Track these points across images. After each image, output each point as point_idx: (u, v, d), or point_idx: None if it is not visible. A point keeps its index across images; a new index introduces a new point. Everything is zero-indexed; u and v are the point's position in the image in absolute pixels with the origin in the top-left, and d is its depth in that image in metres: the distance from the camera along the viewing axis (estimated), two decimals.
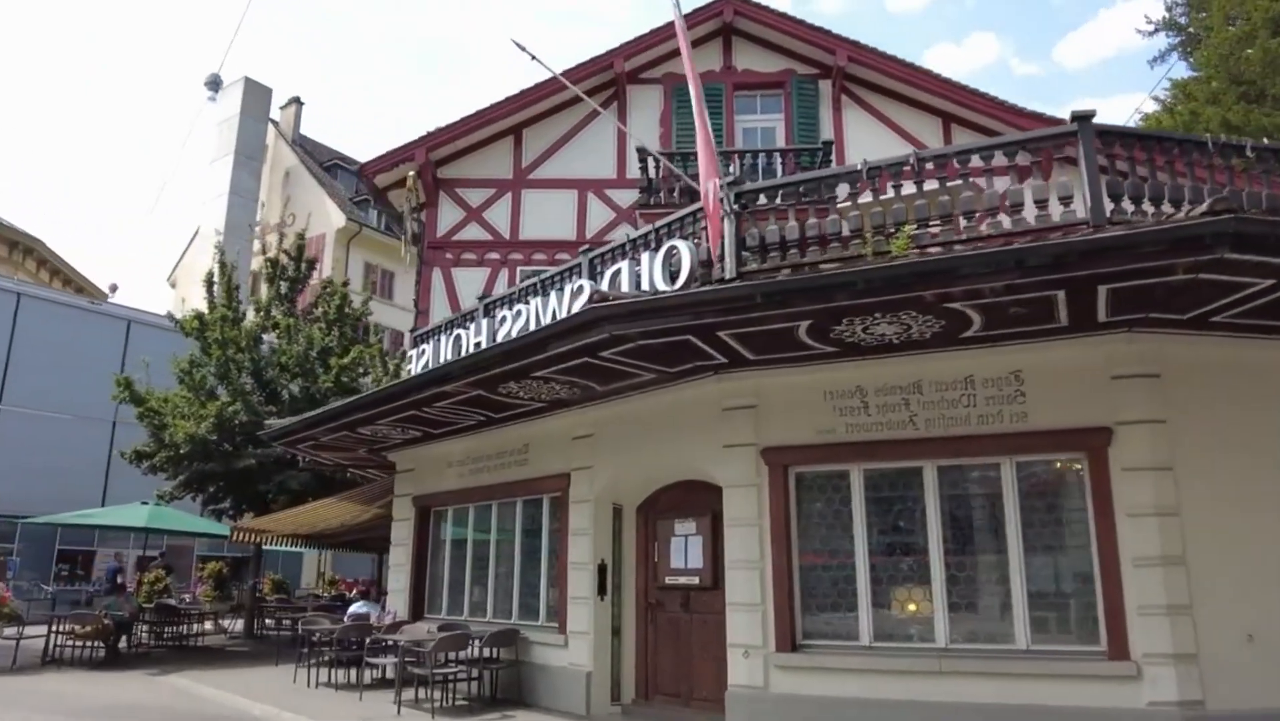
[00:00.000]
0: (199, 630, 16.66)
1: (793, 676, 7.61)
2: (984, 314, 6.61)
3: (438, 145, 14.28)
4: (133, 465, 18.23)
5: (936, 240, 7.56)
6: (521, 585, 10.77)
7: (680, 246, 8.57)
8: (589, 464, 9.80)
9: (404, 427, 11.55)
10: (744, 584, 7.94)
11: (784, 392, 8.10)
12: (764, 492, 8.02)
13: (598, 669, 9.28)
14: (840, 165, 12.26)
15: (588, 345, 7.47)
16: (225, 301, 19.17)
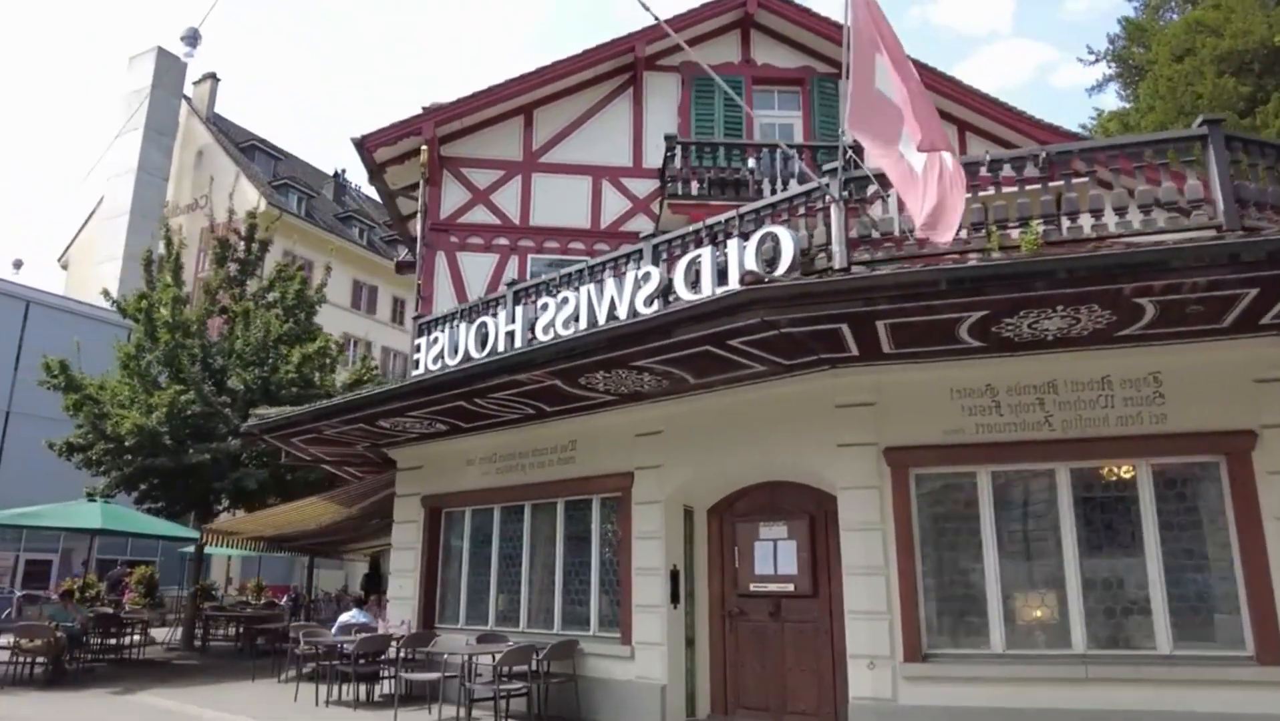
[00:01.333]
0: (140, 641, 15.02)
1: (922, 687, 7.23)
2: (1161, 309, 6.41)
3: (445, 120, 13.34)
4: (62, 459, 16.38)
5: (1065, 239, 7.40)
6: (565, 593, 10.03)
7: (780, 233, 8.12)
8: (658, 462, 9.18)
9: (431, 421, 10.65)
10: (866, 592, 7.50)
11: (906, 390, 7.73)
12: (886, 495, 7.62)
13: (672, 682, 8.66)
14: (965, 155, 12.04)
15: (726, 331, 6.92)
16: (172, 282, 17.49)
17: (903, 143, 7.15)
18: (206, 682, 12.49)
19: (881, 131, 7.29)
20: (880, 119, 7.28)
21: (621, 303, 9.31)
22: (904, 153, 7.14)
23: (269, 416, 11.80)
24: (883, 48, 6.94)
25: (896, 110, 7.08)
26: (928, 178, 6.87)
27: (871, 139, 7.34)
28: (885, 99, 7.14)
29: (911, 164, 7.08)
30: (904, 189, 7.12)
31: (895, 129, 7.18)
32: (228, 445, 15.60)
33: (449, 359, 11.23)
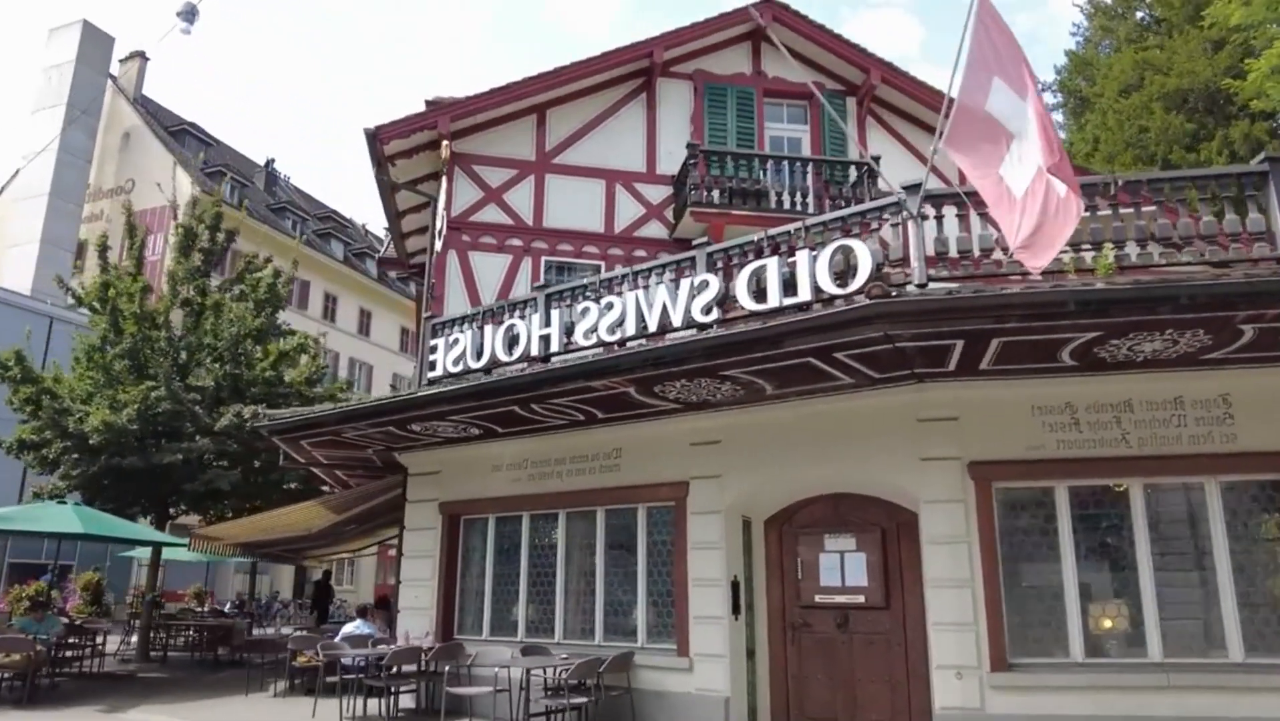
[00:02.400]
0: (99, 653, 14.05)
1: (1007, 696, 7.39)
2: (1259, 335, 6.75)
3: (460, 115, 12.98)
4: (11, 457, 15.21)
5: (1136, 264, 7.71)
6: (608, 603, 9.87)
7: (857, 247, 8.20)
8: (717, 472, 9.14)
9: (467, 425, 10.32)
10: (952, 603, 7.63)
11: (989, 406, 7.91)
12: (970, 509, 7.77)
13: (735, 694, 8.62)
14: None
15: (840, 343, 6.94)
16: (134, 270, 16.50)
17: (1005, 165, 7.29)
18: (194, 697, 11.80)
19: (983, 153, 7.40)
20: (985, 141, 7.40)
21: (675, 310, 9.26)
22: (1004, 175, 7.29)
23: (281, 416, 11.23)
24: (1003, 71, 7.06)
25: (1005, 133, 7.22)
26: (1028, 203, 7.02)
27: (971, 160, 7.43)
28: (995, 122, 7.26)
29: (1010, 187, 7.22)
30: (1000, 211, 7.24)
31: (999, 152, 7.30)
32: (199, 444, 14.80)
33: (471, 361, 10.94)
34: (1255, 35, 19.26)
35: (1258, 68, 17.71)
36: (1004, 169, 7.25)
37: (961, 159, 7.51)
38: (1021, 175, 7.07)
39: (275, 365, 16.11)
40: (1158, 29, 24.11)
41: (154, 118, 33.94)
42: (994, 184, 7.28)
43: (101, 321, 15.88)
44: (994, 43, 7.10)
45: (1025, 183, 7.03)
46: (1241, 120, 20.04)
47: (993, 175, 7.32)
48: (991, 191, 7.28)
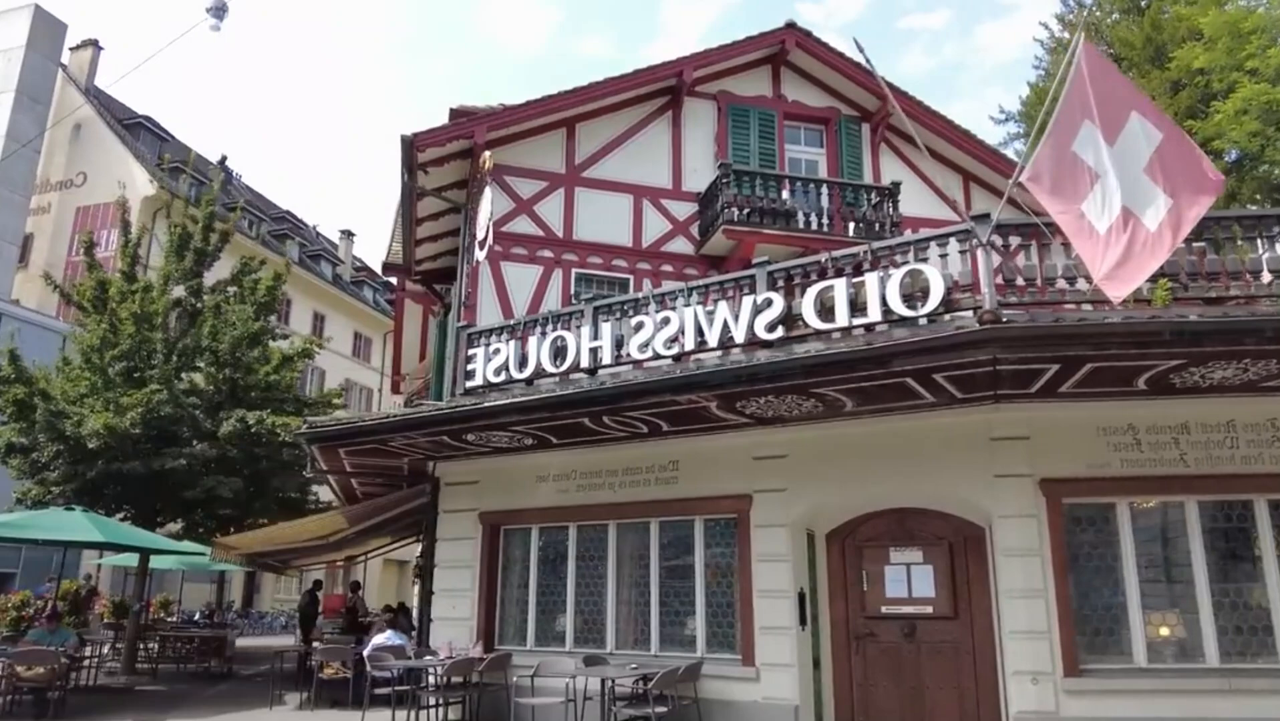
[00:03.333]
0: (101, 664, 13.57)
1: (1079, 700, 7.83)
2: None
3: (496, 126, 13.03)
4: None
5: (1190, 295, 8.28)
6: (663, 614, 10.04)
7: (930, 272, 8.62)
8: (782, 486, 9.41)
9: (523, 436, 10.37)
10: (1026, 613, 8.05)
11: (1057, 426, 8.37)
12: (1042, 523, 8.21)
13: (804, 702, 8.89)
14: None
15: (945, 365, 7.29)
16: (127, 269, 16.00)
17: (1087, 202, 7.75)
18: (215, 711, 11.48)
19: (1065, 189, 7.85)
20: (1067, 178, 7.86)
21: (737, 326, 9.55)
22: (1085, 211, 7.75)
23: (326, 424, 11.10)
24: (1094, 115, 7.51)
25: (1089, 172, 7.68)
26: (1111, 237, 7.48)
27: (1050, 193, 7.86)
28: (1080, 161, 7.73)
29: (1092, 222, 7.68)
30: (1081, 243, 7.70)
31: (1082, 190, 7.77)
32: (202, 450, 14.43)
33: (514, 370, 11.05)
34: (1216, 79, 20.58)
35: (1224, 109, 18.93)
36: (1086, 205, 7.70)
37: (1041, 192, 7.94)
38: (1106, 212, 7.52)
39: (277, 370, 15.79)
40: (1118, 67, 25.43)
41: (107, 110, 32.71)
42: (1075, 218, 7.71)
43: (94, 321, 15.34)
44: (1092, 88, 7.54)
45: (1109, 219, 7.48)
46: None
47: (1074, 210, 7.76)
48: (1072, 225, 7.71)
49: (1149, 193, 7.45)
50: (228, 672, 15.80)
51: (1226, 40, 19.78)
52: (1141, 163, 7.47)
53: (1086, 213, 7.65)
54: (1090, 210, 7.62)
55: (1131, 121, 7.44)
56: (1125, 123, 7.46)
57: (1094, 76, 7.51)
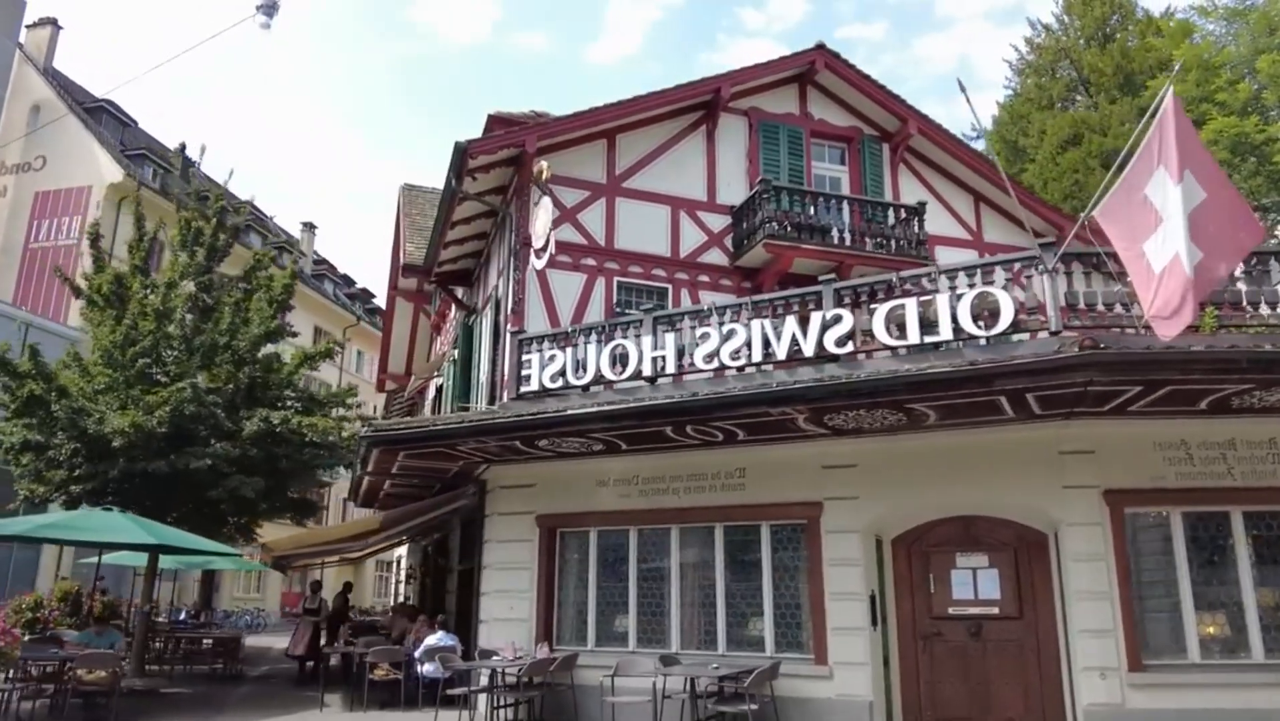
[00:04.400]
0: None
1: (1142, 693, 8.52)
2: None
3: (546, 135, 13.27)
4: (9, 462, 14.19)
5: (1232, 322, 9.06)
6: (730, 615, 10.46)
7: (1000, 295, 9.23)
8: (854, 494, 9.92)
9: (591, 443, 10.67)
10: (1094, 613, 8.71)
11: (1119, 441, 9.06)
12: (1107, 531, 8.89)
13: (877, 698, 9.42)
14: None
15: (1043, 385, 7.88)
16: (141, 264, 15.70)
17: (1149, 242, 8.38)
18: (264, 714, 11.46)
19: (1131, 229, 8.48)
20: (1134, 219, 8.48)
21: (806, 341, 10.03)
22: (1146, 251, 8.39)
23: (393, 427, 11.21)
24: (1169, 162, 8.13)
25: (1156, 215, 8.31)
26: (1164, 279, 8.08)
27: (1117, 232, 8.50)
28: (1148, 205, 8.36)
29: (1150, 262, 8.33)
30: (1137, 281, 8.34)
31: (1147, 230, 8.43)
32: (225, 449, 14.31)
33: (572, 377, 11.36)
34: (1189, 109, 21.89)
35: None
36: (1147, 245, 8.34)
37: (1109, 227, 8.59)
38: (1163, 254, 8.15)
39: (298, 368, 15.72)
40: (1086, 92, 26.83)
41: (66, 92, 31.58)
42: (1136, 256, 8.35)
43: (107, 317, 15.04)
44: (1168, 135, 8.19)
45: (1164, 261, 8.13)
46: None
47: (1136, 249, 8.40)
48: (1134, 263, 8.35)
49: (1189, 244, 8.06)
50: (239, 674, 15.67)
51: (1197, 73, 21.07)
52: (1189, 210, 8.09)
53: (1146, 252, 8.29)
54: (1150, 249, 8.25)
55: (1188, 175, 8.08)
56: (1185, 170, 8.11)
57: (1174, 123, 8.15)
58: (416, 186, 22.20)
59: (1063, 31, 28.46)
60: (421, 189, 22.17)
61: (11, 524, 11.31)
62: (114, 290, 15.15)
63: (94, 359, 15.05)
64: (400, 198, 21.34)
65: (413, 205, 20.87)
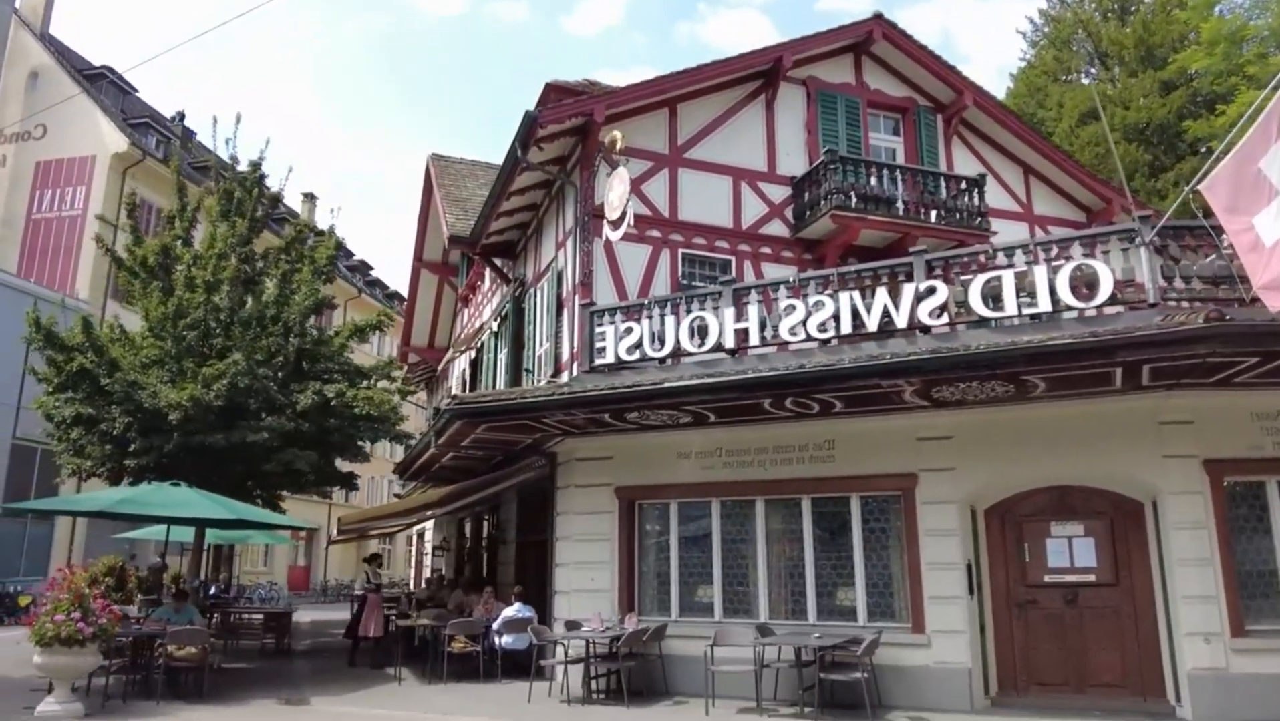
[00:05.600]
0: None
1: (1245, 657, 8.72)
2: None
3: (614, 104, 13.12)
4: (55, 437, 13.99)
5: None
6: (819, 585, 10.56)
7: (1099, 267, 9.31)
8: (950, 465, 10.01)
9: (678, 415, 10.67)
10: (1196, 579, 8.89)
11: (1218, 412, 9.19)
12: (1207, 499, 9.05)
13: (974, 665, 9.58)
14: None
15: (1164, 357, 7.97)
16: (184, 234, 15.42)
17: (1260, 216, 8.42)
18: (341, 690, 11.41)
19: (1240, 201, 8.51)
20: (1244, 191, 8.49)
21: (898, 313, 10.11)
22: (1256, 224, 8.44)
23: (478, 397, 11.15)
24: None
25: (1270, 188, 8.35)
26: (1277, 250, 8.15)
27: (1224, 205, 8.54)
28: (1261, 178, 8.37)
29: (1261, 235, 8.39)
30: (1246, 255, 8.40)
31: (1258, 203, 8.45)
32: (280, 423, 14.17)
33: (650, 350, 11.39)
34: (1214, 83, 22.05)
35: (1230, 113, 20.33)
36: (1258, 219, 8.40)
37: (1215, 200, 8.65)
38: (1276, 227, 8.22)
39: (349, 339, 15.58)
40: (1103, 65, 26.92)
41: (64, 58, 30.73)
42: (1245, 229, 8.40)
43: (154, 289, 14.77)
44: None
45: (1278, 235, 8.19)
46: (1192, 157, 22.90)
47: (1245, 221, 8.45)
48: (1241, 237, 8.40)
49: None
50: (288, 649, 15.65)
51: (1225, 46, 21.18)
52: None
53: (1256, 225, 8.34)
54: (1260, 223, 8.30)
55: None
56: None
57: None
58: (445, 156, 21.92)
59: (1079, 4, 28.51)
60: (450, 159, 21.91)
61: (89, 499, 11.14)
62: (160, 261, 14.87)
63: (141, 331, 14.78)
64: (430, 167, 21.05)
65: (445, 175, 20.61)
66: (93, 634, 8.80)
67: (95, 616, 8.90)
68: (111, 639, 9.28)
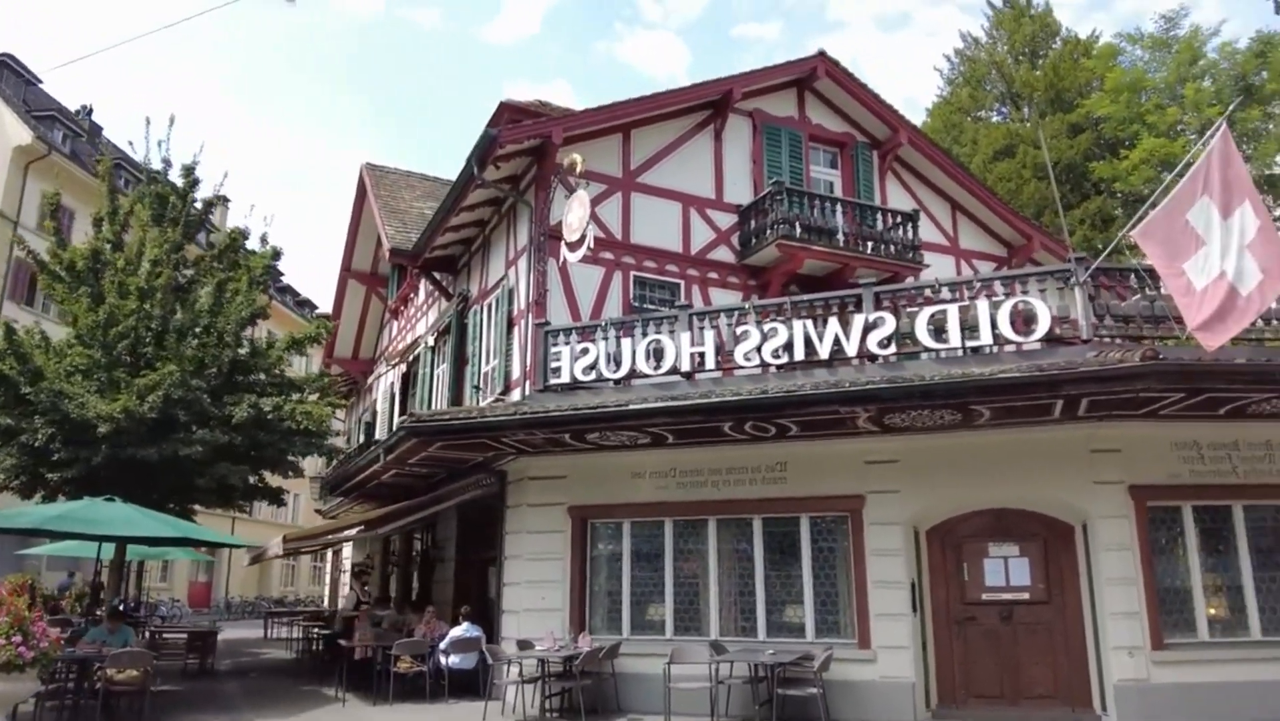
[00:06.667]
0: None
1: (1165, 669, 9.41)
2: None
3: (571, 127, 13.29)
4: None
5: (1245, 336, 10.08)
6: (769, 602, 10.89)
7: (1037, 304, 10.03)
8: (896, 488, 10.49)
9: (638, 436, 10.86)
10: (1122, 597, 9.56)
11: (1142, 441, 9.93)
12: (1132, 522, 9.76)
13: (918, 679, 10.05)
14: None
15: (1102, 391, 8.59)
16: (114, 238, 14.86)
17: (1189, 263, 9.18)
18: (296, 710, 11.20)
19: (1171, 249, 9.25)
20: (1175, 240, 9.21)
21: (849, 341, 10.65)
22: (1186, 270, 9.20)
23: (436, 416, 11.10)
24: (1214, 193, 8.94)
25: (1197, 239, 9.09)
26: (1206, 296, 8.89)
27: (1156, 251, 9.28)
28: (1189, 229, 9.13)
29: (1191, 281, 9.15)
30: (1180, 298, 9.14)
31: (1187, 251, 9.20)
32: (214, 436, 13.76)
33: (606, 370, 11.65)
34: (1118, 129, 23.61)
35: (1132, 157, 21.83)
36: (1188, 265, 9.16)
37: (1149, 246, 9.38)
38: (1204, 274, 8.94)
39: (286, 350, 15.23)
40: (1014, 105, 28.48)
41: None
42: (1176, 274, 9.16)
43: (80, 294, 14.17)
44: (1218, 171, 8.97)
45: (1206, 280, 8.92)
46: (1097, 196, 24.45)
47: (1177, 267, 9.21)
48: (1175, 280, 9.16)
49: (1248, 267, 8.89)
50: (213, 669, 15.15)
51: (1127, 95, 22.74)
52: (1245, 241, 8.92)
53: (1187, 271, 9.11)
54: (1190, 269, 9.06)
55: (1244, 205, 8.91)
56: (1239, 206, 8.92)
57: (1223, 161, 8.96)
58: (379, 166, 21.65)
59: (992, 45, 30.08)
60: (385, 169, 21.65)
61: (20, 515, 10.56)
62: (89, 266, 14.26)
63: (66, 338, 14.15)
64: (365, 176, 20.76)
65: (380, 185, 20.36)
66: (34, 659, 8.42)
67: (36, 640, 8.51)
68: (52, 663, 8.86)
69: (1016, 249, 17.02)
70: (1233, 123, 20.38)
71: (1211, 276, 8.86)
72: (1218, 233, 8.97)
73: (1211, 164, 8.95)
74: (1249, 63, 21.76)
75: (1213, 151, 8.97)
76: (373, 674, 11.95)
